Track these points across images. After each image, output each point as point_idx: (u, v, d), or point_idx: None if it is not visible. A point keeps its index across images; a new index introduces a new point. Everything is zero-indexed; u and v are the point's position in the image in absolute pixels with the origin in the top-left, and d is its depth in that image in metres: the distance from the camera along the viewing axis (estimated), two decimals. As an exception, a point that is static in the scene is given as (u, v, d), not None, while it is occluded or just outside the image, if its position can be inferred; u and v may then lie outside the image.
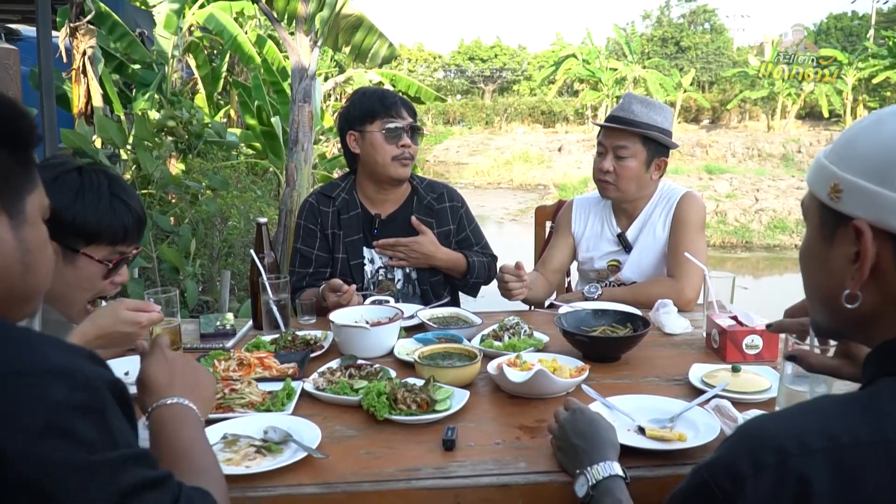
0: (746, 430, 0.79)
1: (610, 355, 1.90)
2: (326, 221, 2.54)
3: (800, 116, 30.24)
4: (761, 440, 0.75)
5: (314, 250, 2.54)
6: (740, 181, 14.96)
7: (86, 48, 6.06)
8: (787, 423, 0.77)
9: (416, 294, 2.59)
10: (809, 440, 0.73)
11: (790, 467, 0.72)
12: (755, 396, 1.60)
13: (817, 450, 0.72)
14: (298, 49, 5.21)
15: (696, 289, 2.40)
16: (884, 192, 0.79)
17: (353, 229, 2.54)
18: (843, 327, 0.91)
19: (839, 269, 0.85)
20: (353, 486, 1.27)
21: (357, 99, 2.53)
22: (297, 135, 5.27)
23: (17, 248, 0.89)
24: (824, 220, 0.87)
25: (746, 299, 6.58)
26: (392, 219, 2.57)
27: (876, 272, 0.82)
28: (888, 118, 0.83)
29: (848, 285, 0.84)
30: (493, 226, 13.89)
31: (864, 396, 0.78)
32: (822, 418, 0.75)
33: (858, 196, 0.81)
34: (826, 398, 0.80)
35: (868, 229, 0.80)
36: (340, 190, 2.58)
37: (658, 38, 40.17)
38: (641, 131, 2.49)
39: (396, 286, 2.57)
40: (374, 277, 2.55)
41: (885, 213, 0.79)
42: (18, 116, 0.89)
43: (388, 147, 2.44)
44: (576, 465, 1.23)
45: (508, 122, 34.84)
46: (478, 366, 1.72)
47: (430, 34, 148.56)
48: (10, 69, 5.16)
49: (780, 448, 0.73)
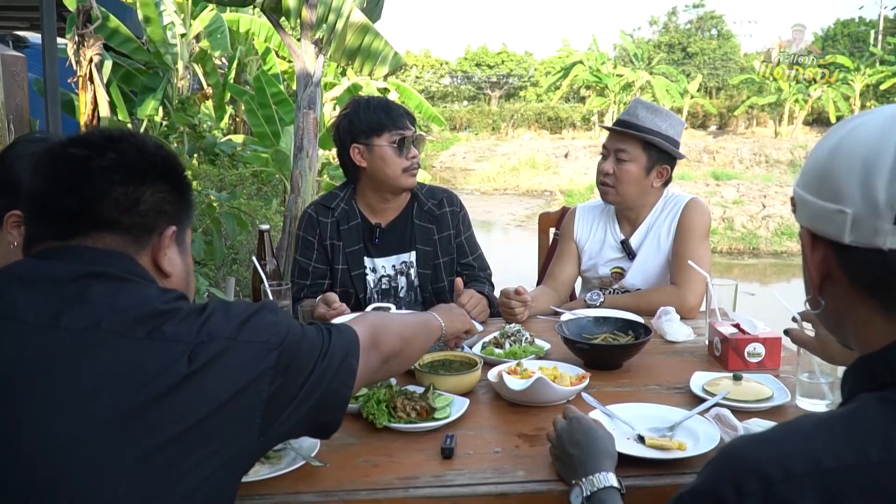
0: (728, 455, 0.78)
1: (611, 363, 1.89)
2: (325, 232, 2.52)
3: (807, 122, 30.18)
4: (744, 466, 0.74)
5: (311, 262, 2.53)
6: (747, 187, 14.90)
7: (92, 55, 6.09)
8: (769, 447, 0.76)
9: (419, 301, 2.58)
10: (793, 465, 0.72)
11: (775, 494, 0.71)
12: (756, 405, 1.58)
13: (802, 475, 0.71)
14: (304, 56, 5.23)
15: (698, 296, 2.39)
16: (812, 200, 0.84)
17: (354, 240, 2.52)
18: (829, 331, 0.95)
19: (809, 277, 0.89)
20: (351, 494, 1.27)
21: (361, 111, 2.47)
22: (301, 142, 5.28)
23: (184, 269, 1.16)
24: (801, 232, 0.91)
25: (753, 306, 6.55)
26: (392, 227, 2.56)
27: (830, 279, 0.86)
28: (834, 131, 0.86)
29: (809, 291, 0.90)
30: (499, 232, 13.89)
31: (847, 415, 0.77)
32: (804, 440, 0.75)
33: (802, 207, 0.87)
34: (807, 417, 0.80)
35: (807, 236, 0.86)
36: (339, 200, 2.55)
37: (665, 44, 40.20)
38: (641, 135, 2.48)
39: (400, 294, 2.56)
40: (378, 286, 2.54)
41: (815, 220, 0.84)
42: (180, 165, 1.16)
43: (398, 160, 2.42)
44: (571, 476, 1.23)
45: (515, 128, 34.91)
46: (478, 373, 1.72)
47: (437, 40, 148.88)
48: (18, 76, 5.20)
49: (764, 475, 0.72)
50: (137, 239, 1.07)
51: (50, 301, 0.96)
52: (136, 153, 1.08)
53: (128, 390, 0.91)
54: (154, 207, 1.08)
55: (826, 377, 1.59)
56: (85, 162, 1.04)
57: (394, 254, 2.54)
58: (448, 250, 2.57)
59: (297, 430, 1.14)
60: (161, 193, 1.09)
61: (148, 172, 1.08)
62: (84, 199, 1.04)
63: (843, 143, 0.82)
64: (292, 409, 1.05)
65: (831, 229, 0.82)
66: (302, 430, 1.16)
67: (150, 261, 1.10)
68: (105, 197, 1.04)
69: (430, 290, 2.56)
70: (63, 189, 1.04)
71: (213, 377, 0.95)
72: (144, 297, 1.01)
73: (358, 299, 2.50)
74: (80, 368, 0.92)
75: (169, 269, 1.12)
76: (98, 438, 0.88)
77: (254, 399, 0.99)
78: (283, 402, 1.03)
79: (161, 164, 1.11)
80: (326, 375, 1.10)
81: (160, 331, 0.96)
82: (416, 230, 2.54)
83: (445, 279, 2.56)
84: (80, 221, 1.04)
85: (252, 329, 1.02)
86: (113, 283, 1.00)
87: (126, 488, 0.88)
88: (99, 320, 0.95)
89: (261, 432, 1.00)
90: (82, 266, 1.01)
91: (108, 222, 1.04)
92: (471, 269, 2.61)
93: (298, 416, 1.07)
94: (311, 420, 1.12)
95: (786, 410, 1.59)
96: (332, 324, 1.22)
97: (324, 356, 1.10)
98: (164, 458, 0.90)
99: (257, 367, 0.99)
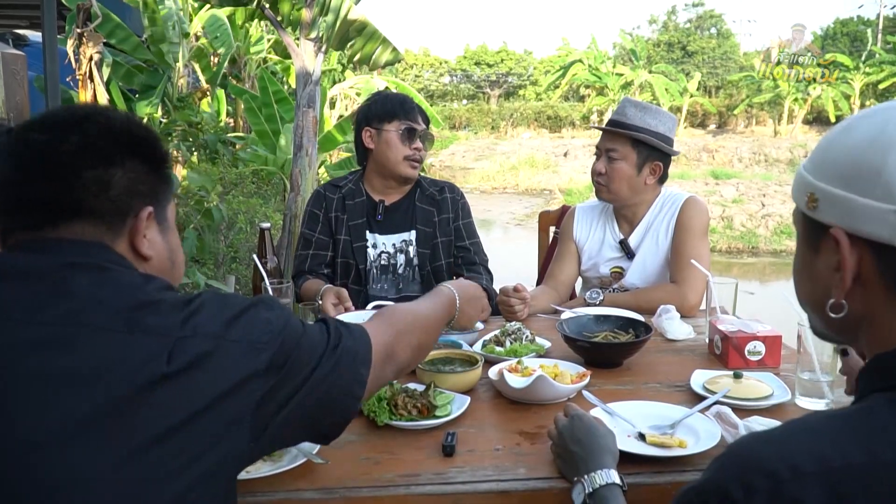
0: (736, 452, 0.77)
1: (611, 361, 1.90)
2: (331, 206, 2.68)
3: (807, 121, 30.16)
4: (752, 463, 0.73)
5: (315, 233, 2.68)
6: (747, 186, 14.91)
7: (92, 54, 6.08)
8: (777, 444, 0.74)
9: (416, 280, 2.67)
10: (801, 463, 0.71)
11: (783, 492, 0.70)
12: (757, 403, 1.59)
13: (809, 473, 0.70)
14: (303, 54, 5.23)
15: (699, 294, 2.39)
16: (854, 198, 0.78)
17: (357, 214, 2.67)
18: (835, 334, 0.90)
19: (824, 279, 0.84)
20: (352, 491, 1.27)
21: (380, 99, 2.68)
22: (301, 140, 5.28)
23: (166, 249, 1.10)
24: (807, 229, 0.86)
25: (752, 305, 6.56)
26: (395, 207, 2.70)
27: (859, 280, 0.81)
28: (857, 122, 0.82)
29: (833, 294, 0.83)
30: (498, 230, 13.89)
31: (856, 414, 0.76)
32: (813, 438, 0.73)
33: (832, 204, 0.80)
34: (816, 415, 0.78)
35: (844, 237, 0.80)
36: (348, 181, 2.74)
37: (664, 42, 40.19)
38: (629, 133, 2.49)
39: (399, 271, 2.66)
40: (378, 261, 2.66)
41: (857, 220, 0.78)
42: (155, 138, 1.09)
43: (401, 147, 2.59)
44: (573, 473, 1.23)
45: (514, 126, 34.87)
46: (479, 371, 1.72)
47: (436, 39, 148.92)
48: (18, 74, 5.20)
49: (772, 472, 0.71)
50: (112, 225, 1.01)
51: (25, 296, 0.91)
52: (103, 132, 1.01)
53: (107, 385, 0.85)
54: (126, 190, 1.01)
55: (826, 376, 1.60)
56: (48, 147, 0.98)
57: (395, 232, 2.67)
58: (446, 231, 2.70)
59: (295, 435, 1.08)
60: (133, 173, 1.02)
61: (116, 152, 1.01)
62: (50, 188, 0.97)
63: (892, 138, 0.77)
64: (287, 414, 0.99)
65: (882, 231, 0.76)
66: (301, 436, 1.10)
67: (127, 246, 1.03)
68: (72, 184, 0.97)
69: (428, 268, 2.67)
70: (28, 178, 0.98)
71: (198, 378, 0.90)
72: (126, 286, 0.95)
73: (358, 270, 2.63)
74: (57, 363, 0.86)
75: (149, 252, 1.05)
76: (75, 436, 0.83)
77: (242, 402, 0.93)
78: (275, 406, 0.97)
79: (131, 140, 1.03)
80: (329, 380, 1.03)
81: (142, 322, 0.90)
82: (418, 211, 2.68)
83: (443, 259, 2.68)
84: (49, 211, 0.98)
85: (243, 326, 0.96)
86: (90, 273, 0.95)
87: (108, 489, 0.83)
88: (78, 313, 0.90)
89: (252, 437, 0.95)
90: (57, 258, 0.95)
91: (78, 210, 0.98)
92: (466, 253, 2.71)
93: (295, 422, 1.01)
94: (310, 427, 1.06)
95: (786, 409, 1.59)
96: (344, 322, 1.12)
97: (327, 358, 1.03)
98: (150, 458, 0.85)
99: (246, 369, 0.93)
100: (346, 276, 2.64)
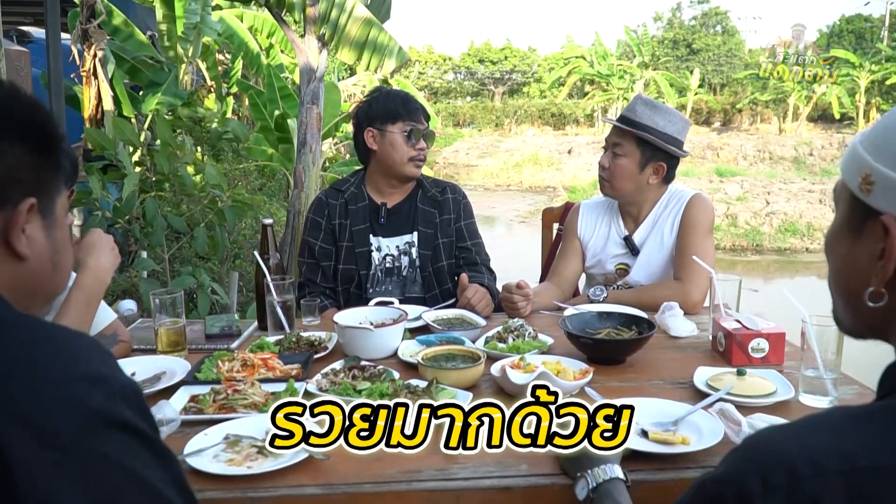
0: (755, 444, 0.74)
1: (614, 358, 1.89)
2: (334, 212, 2.66)
3: (811, 119, 30.08)
4: (771, 457, 0.70)
5: (318, 242, 2.65)
6: (751, 184, 14.86)
7: (96, 50, 6.09)
8: (799, 439, 0.72)
9: (418, 281, 2.65)
10: (823, 461, 0.68)
11: (802, 490, 0.67)
12: (760, 400, 1.58)
13: (832, 472, 0.67)
14: (307, 51, 5.22)
15: (702, 291, 2.39)
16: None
17: (360, 219, 2.65)
18: (862, 324, 0.85)
19: (864, 264, 0.79)
20: (354, 487, 1.27)
21: (382, 98, 2.64)
22: (304, 136, 5.28)
23: (48, 248, 0.95)
24: (853, 210, 0.81)
25: (756, 302, 6.55)
26: (398, 209, 2.68)
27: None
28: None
29: (872, 282, 0.78)
30: (502, 227, 13.88)
31: (882, 412, 0.72)
32: (836, 436, 0.70)
33: (891, 190, 0.74)
34: (838, 411, 0.75)
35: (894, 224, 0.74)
36: (350, 185, 2.71)
37: (669, 40, 40.04)
38: (634, 131, 2.49)
39: (403, 273, 2.65)
40: (382, 265, 2.65)
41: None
42: (46, 120, 0.94)
43: (406, 148, 2.58)
44: (576, 468, 1.22)
45: (518, 124, 34.83)
46: (481, 368, 1.72)
47: (440, 36, 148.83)
48: (21, 71, 5.20)
49: (792, 469, 0.68)
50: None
51: None
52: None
53: None
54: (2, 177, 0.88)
55: (829, 373, 1.59)
56: None
57: (398, 234, 2.65)
58: (447, 232, 2.68)
59: None
60: (12, 158, 0.88)
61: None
62: None
63: None
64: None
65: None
66: None
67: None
68: None
69: (430, 269, 2.65)
70: None
71: None
72: None
73: (360, 276, 2.60)
74: None
75: (25, 251, 0.91)
76: None
77: None
78: None
79: (12, 120, 0.90)
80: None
81: None
82: (419, 213, 2.66)
83: (445, 260, 2.66)
84: None
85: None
86: None
87: None
88: None
89: None
90: None
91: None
92: (468, 253, 2.70)
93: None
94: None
95: (789, 406, 1.59)
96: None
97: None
98: None
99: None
100: (349, 283, 2.62)
